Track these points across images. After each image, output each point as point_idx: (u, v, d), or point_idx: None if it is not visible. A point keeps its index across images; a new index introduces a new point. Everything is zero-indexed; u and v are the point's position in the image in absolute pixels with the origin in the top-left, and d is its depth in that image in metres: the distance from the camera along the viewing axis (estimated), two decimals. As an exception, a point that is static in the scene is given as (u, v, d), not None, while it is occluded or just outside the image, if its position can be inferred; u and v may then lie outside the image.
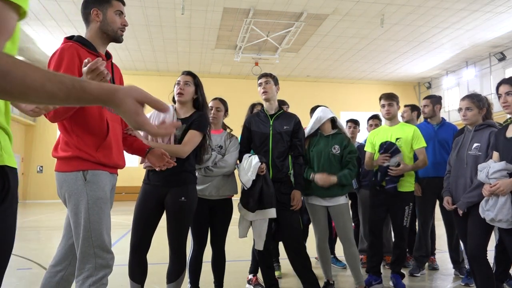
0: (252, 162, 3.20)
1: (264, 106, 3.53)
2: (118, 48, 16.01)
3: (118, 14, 2.18)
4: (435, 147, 4.26)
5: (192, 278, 3.25)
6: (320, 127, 3.64)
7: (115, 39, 2.21)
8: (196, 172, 3.20)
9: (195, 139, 2.84)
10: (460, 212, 3.06)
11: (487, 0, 11.95)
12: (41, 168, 18.71)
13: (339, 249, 3.71)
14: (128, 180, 17.81)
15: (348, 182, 3.52)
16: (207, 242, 3.29)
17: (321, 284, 3.46)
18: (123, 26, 2.21)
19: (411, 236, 4.36)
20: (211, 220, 3.26)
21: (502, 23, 13.60)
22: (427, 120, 4.47)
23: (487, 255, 2.94)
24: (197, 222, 3.18)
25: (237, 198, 3.25)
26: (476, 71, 17.81)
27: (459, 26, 13.89)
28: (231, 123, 3.66)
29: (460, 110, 3.26)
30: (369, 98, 19.68)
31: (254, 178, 3.16)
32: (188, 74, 2.99)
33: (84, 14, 2.19)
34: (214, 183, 3.21)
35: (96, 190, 2.01)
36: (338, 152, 3.55)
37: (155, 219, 2.85)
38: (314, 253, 3.78)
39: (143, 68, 18.84)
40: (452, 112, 18.32)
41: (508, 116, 3.60)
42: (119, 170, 2.26)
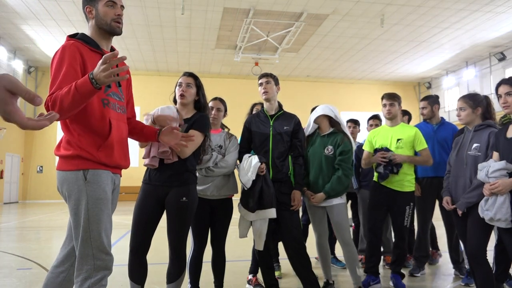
0: (252, 162, 3.20)
1: (264, 106, 3.52)
2: (118, 48, 15.87)
3: (109, 6, 2.12)
4: (435, 147, 4.26)
5: (192, 278, 3.25)
6: (319, 126, 3.63)
7: (111, 32, 2.16)
8: (197, 173, 3.21)
9: (197, 140, 2.82)
10: (460, 212, 3.07)
11: (487, 0, 11.96)
12: (41, 168, 18.72)
13: (339, 249, 3.71)
14: (128, 180, 17.79)
15: (337, 191, 3.44)
16: (207, 242, 3.29)
17: (321, 284, 3.46)
18: (118, 16, 2.13)
19: (410, 236, 4.36)
20: (211, 220, 3.26)
21: (502, 23, 13.61)
22: (427, 120, 4.47)
23: (487, 255, 2.94)
24: (197, 222, 3.18)
25: (237, 198, 3.25)
26: (476, 71, 17.81)
27: (459, 26, 13.89)
28: (231, 123, 3.66)
29: (457, 110, 3.28)
30: (369, 98, 19.70)
31: (254, 178, 3.16)
32: (190, 75, 2.98)
33: (83, 13, 2.19)
34: (215, 183, 3.21)
35: (96, 190, 2.00)
36: (331, 153, 3.47)
37: (155, 219, 2.84)
38: (314, 253, 3.78)
39: (143, 68, 18.84)
40: (452, 112, 18.33)
41: (503, 113, 3.60)
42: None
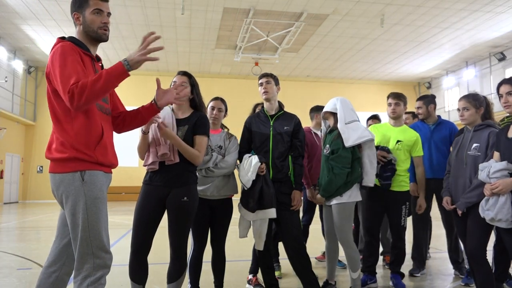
0: (252, 162, 3.20)
1: (264, 106, 3.52)
2: (118, 48, 16.01)
3: (96, 13, 2.14)
4: (431, 148, 4.23)
5: (192, 278, 3.25)
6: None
7: (97, 39, 2.18)
8: (197, 173, 3.21)
9: (205, 145, 2.90)
10: (460, 212, 3.07)
11: (487, 0, 11.96)
12: (41, 168, 18.71)
13: (341, 248, 3.70)
14: (128, 180, 17.83)
15: (329, 191, 3.36)
16: (207, 242, 3.29)
17: (320, 283, 3.46)
18: (104, 24, 2.16)
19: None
20: (211, 220, 3.26)
21: (502, 23, 13.61)
22: (423, 120, 4.44)
23: (487, 255, 2.94)
24: (197, 222, 3.17)
25: (237, 198, 3.25)
26: (476, 71, 17.81)
27: (459, 26, 13.89)
28: (231, 123, 3.66)
29: (458, 110, 3.27)
30: (369, 98, 19.71)
31: (254, 178, 3.16)
32: (184, 74, 2.98)
33: (72, 19, 2.21)
34: (215, 183, 3.21)
35: (94, 190, 2.01)
36: (329, 152, 3.44)
37: (156, 219, 2.84)
38: (314, 253, 3.78)
39: (143, 68, 18.67)
40: (453, 112, 18.32)
41: (506, 114, 3.60)
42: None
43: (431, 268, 4.54)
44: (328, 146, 3.44)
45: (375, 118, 5.07)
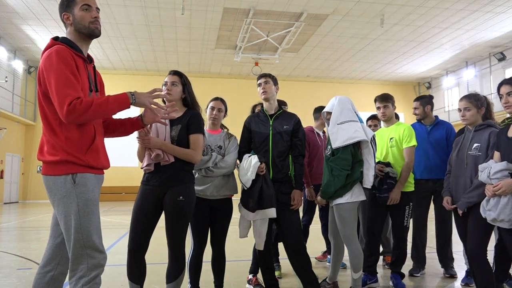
0: (251, 162, 3.20)
1: (263, 106, 3.52)
2: (119, 48, 16.02)
3: (85, 9, 2.16)
4: (428, 149, 4.22)
5: (192, 278, 3.25)
6: None
7: (90, 35, 2.19)
8: (197, 173, 3.21)
9: (201, 142, 2.90)
10: (460, 212, 3.06)
11: (487, 0, 11.96)
12: (41, 168, 18.72)
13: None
14: (128, 180, 17.82)
15: (328, 193, 3.33)
16: (207, 242, 3.29)
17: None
18: (94, 18, 2.18)
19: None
20: (211, 220, 3.26)
21: (502, 23, 13.61)
22: (420, 121, 4.43)
23: (487, 255, 2.94)
24: (197, 222, 3.18)
25: (237, 198, 3.25)
26: (476, 71, 17.82)
27: (459, 26, 13.90)
28: (231, 123, 3.66)
29: (459, 110, 3.26)
30: (369, 98, 19.58)
31: (254, 178, 3.16)
32: (175, 73, 2.99)
33: (62, 21, 2.21)
34: (215, 183, 3.22)
35: (86, 192, 2.03)
36: (329, 154, 3.41)
37: (154, 220, 2.85)
38: (314, 253, 3.78)
39: (143, 68, 18.84)
40: (453, 112, 18.32)
41: (507, 115, 3.60)
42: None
43: (431, 268, 4.53)
44: (329, 147, 3.41)
45: (375, 118, 5.06)
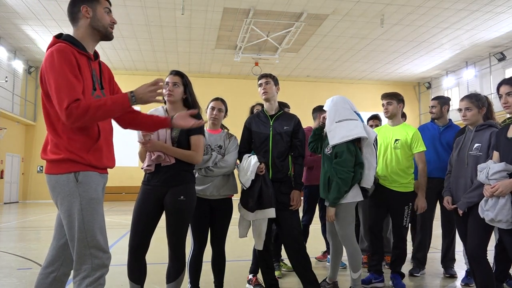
0: (251, 162, 3.20)
1: (264, 106, 3.52)
2: (119, 48, 16.01)
3: (106, 12, 2.17)
4: (438, 149, 4.21)
5: (192, 278, 3.25)
6: None
7: (105, 36, 2.18)
8: (197, 173, 3.21)
9: (201, 143, 2.90)
10: (460, 212, 3.07)
11: (487, 0, 11.96)
12: (41, 168, 18.71)
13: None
14: (128, 180, 17.80)
15: (337, 197, 3.25)
16: (207, 242, 3.29)
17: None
18: (112, 23, 2.19)
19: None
20: (211, 220, 3.26)
21: (502, 23, 13.60)
22: (434, 120, 4.41)
23: (487, 255, 2.94)
24: (197, 222, 3.18)
25: (237, 198, 3.25)
26: (476, 71, 17.81)
27: (459, 26, 13.89)
28: (231, 123, 3.66)
29: (460, 110, 3.25)
30: (369, 98, 19.68)
31: (253, 178, 3.16)
32: (176, 74, 2.98)
33: (72, 13, 2.15)
34: (215, 183, 3.22)
35: (89, 191, 2.01)
36: (330, 153, 3.37)
37: (154, 220, 2.85)
38: (314, 253, 3.78)
39: (143, 68, 18.83)
40: (452, 112, 18.26)
41: (507, 115, 3.60)
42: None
43: (431, 268, 4.54)
44: (330, 146, 3.38)
45: (375, 118, 5.06)
